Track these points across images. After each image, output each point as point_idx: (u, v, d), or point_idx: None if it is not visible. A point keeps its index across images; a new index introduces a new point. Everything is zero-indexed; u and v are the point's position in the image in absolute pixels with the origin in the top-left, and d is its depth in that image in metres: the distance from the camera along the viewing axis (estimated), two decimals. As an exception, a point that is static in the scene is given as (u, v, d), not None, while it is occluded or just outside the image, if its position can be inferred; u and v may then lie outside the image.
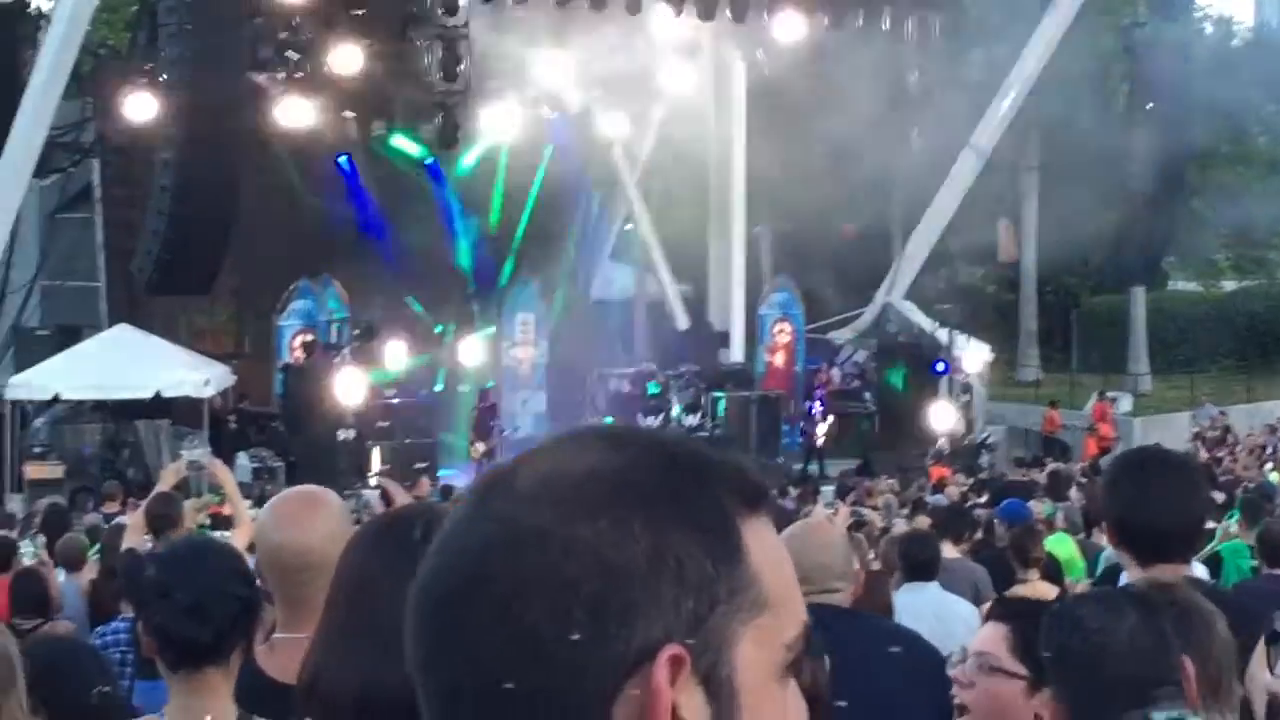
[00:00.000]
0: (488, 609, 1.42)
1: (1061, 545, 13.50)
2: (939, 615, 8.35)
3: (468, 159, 40.14)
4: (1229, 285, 65.96)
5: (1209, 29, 66.59)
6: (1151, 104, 37.46)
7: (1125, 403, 45.84)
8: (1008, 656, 3.83)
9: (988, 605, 10.14)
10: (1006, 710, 3.85)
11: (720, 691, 1.43)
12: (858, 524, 18.39)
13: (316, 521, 4.01)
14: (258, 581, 4.40)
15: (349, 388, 33.50)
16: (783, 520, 9.40)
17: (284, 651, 3.98)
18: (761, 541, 1.50)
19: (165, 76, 28.42)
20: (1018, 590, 10.23)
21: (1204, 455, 33.41)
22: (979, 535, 14.11)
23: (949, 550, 11.25)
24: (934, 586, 9.08)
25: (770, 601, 1.48)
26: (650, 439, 1.53)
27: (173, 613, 4.37)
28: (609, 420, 38.60)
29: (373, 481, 24.18)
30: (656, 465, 1.48)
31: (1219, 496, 19.83)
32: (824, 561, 4.87)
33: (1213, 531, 12.41)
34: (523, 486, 1.46)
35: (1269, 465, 28.94)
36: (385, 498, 5.80)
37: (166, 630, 4.38)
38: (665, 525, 1.43)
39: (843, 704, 3.88)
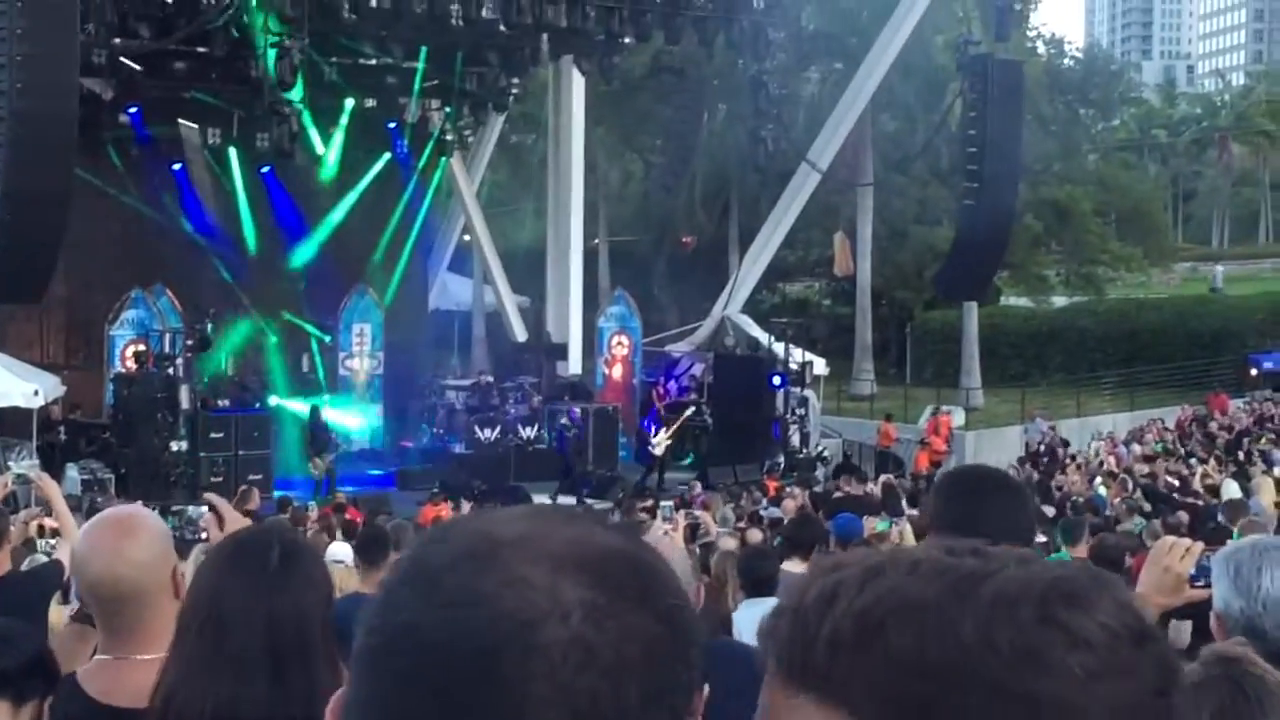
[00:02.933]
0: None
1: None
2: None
3: (304, 167, 39.76)
4: (1059, 301, 67.09)
5: (1041, 48, 67.77)
6: (982, 122, 37.89)
7: (958, 416, 46.41)
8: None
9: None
10: None
11: None
12: (693, 527, 18.46)
13: (131, 550, 3.98)
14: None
15: (181, 398, 33.06)
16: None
17: (105, 673, 3.98)
18: None
19: (-5, 80, 27.85)
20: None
21: (1032, 471, 33.91)
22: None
23: (798, 566, 11.26)
24: (774, 602, 9.09)
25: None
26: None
27: None
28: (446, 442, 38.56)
29: (202, 498, 23.53)
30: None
31: (1049, 510, 20.15)
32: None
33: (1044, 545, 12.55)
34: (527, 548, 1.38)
35: (1097, 479, 29.38)
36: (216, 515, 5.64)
37: None
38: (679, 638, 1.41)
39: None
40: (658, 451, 37.23)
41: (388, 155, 41.54)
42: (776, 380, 39.17)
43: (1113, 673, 1.25)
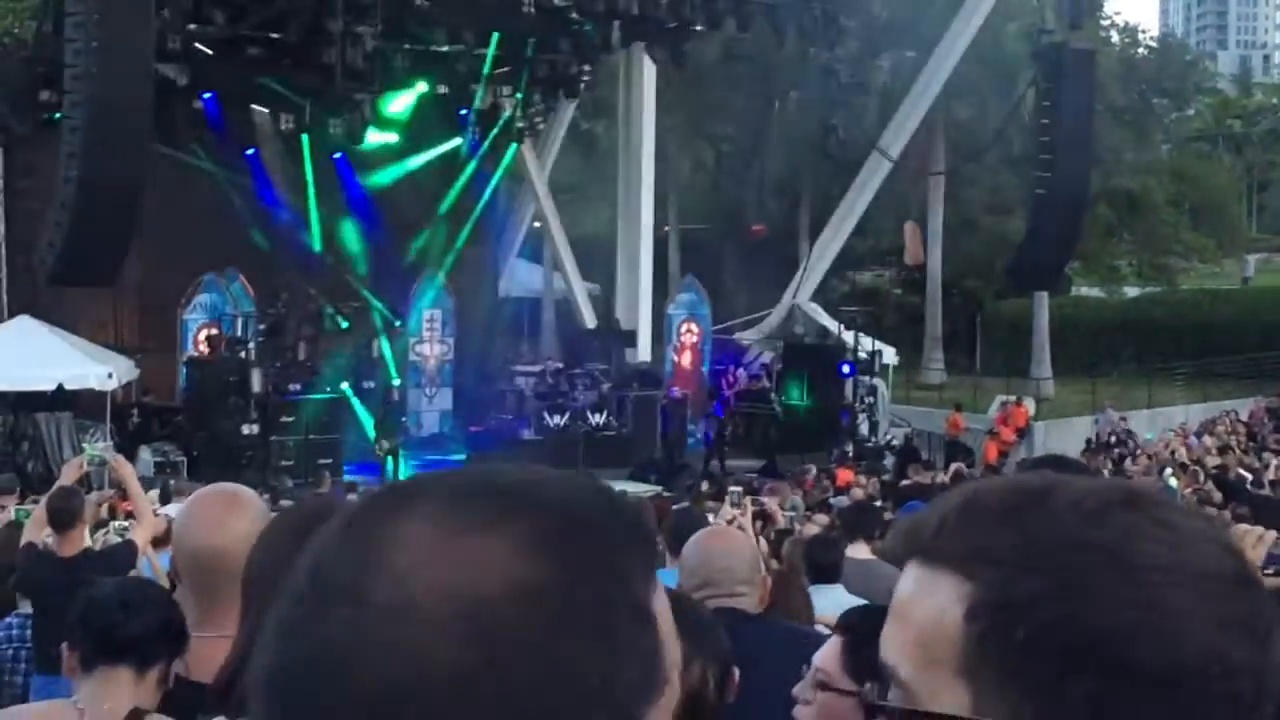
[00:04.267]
0: None
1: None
2: (844, 618, 8.37)
3: (377, 155, 39.90)
4: (1131, 291, 66.64)
5: (1115, 37, 67.31)
6: (1055, 111, 37.70)
7: (1028, 407, 46.19)
8: (838, 672, 3.67)
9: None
10: None
11: None
12: (760, 515, 18.45)
13: (235, 522, 3.98)
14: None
15: (253, 382, 33.31)
16: (695, 523, 9.43)
17: (195, 649, 3.99)
18: (665, 615, 1.36)
19: (70, 66, 28.06)
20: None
21: (1105, 460, 33.70)
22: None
23: (862, 551, 11.26)
24: (839, 589, 9.08)
25: (671, 674, 1.34)
26: (551, 514, 1.29)
27: (99, 606, 4.40)
28: (510, 420, 38.68)
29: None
30: (574, 570, 1.26)
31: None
32: (728, 565, 4.87)
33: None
34: (403, 595, 1.22)
35: (1168, 470, 29.21)
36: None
37: (88, 621, 4.41)
38: (600, 660, 1.24)
39: (749, 709, 3.88)
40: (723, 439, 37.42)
41: (458, 141, 41.67)
42: (846, 369, 39.10)
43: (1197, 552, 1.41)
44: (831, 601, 8.77)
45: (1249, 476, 26.81)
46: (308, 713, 1.22)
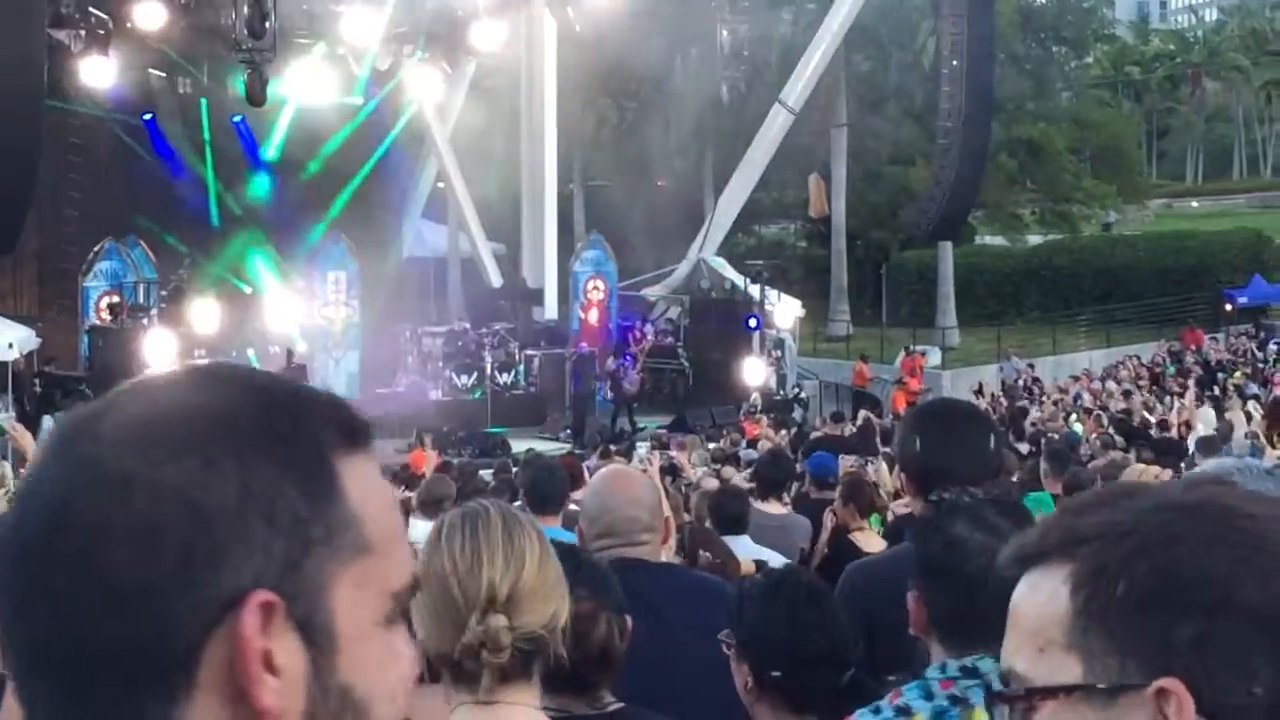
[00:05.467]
0: (70, 560, 1.33)
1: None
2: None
3: (276, 116, 39.60)
4: (1034, 240, 67.16)
5: (1014, -14, 67.64)
6: (956, 61, 37.90)
7: (934, 356, 46.52)
8: None
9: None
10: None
11: (318, 637, 1.37)
12: (669, 469, 18.50)
13: None
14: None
15: (157, 349, 33.01)
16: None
17: None
18: (364, 482, 1.43)
19: (-39, 33, 27.72)
20: (854, 539, 10.34)
21: (1006, 406, 33.97)
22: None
23: (774, 507, 11.34)
24: (745, 540, 9.12)
25: (374, 545, 1.42)
26: (247, 376, 1.46)
27: None
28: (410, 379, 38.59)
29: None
30: (250, 403, 1.41)
31: (1024, 448, 20.22)
32: (631, 514, 4.85)
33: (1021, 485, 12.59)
34: (108, 428, 1.39)
35: (1073, 416, 29.48)
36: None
37: None
38: (257, 464, 1.36)
39: (646, 655, 3.90)
40: (628, 395, 37.50)
41: (359, 101, 41.40)
42: (752, 323, 39.19)
43: None
44: (740, 551, 8.82)
45: (1151, 420, 27.10)
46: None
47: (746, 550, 8.95)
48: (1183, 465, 13.55)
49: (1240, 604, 1.41)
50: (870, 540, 10.29)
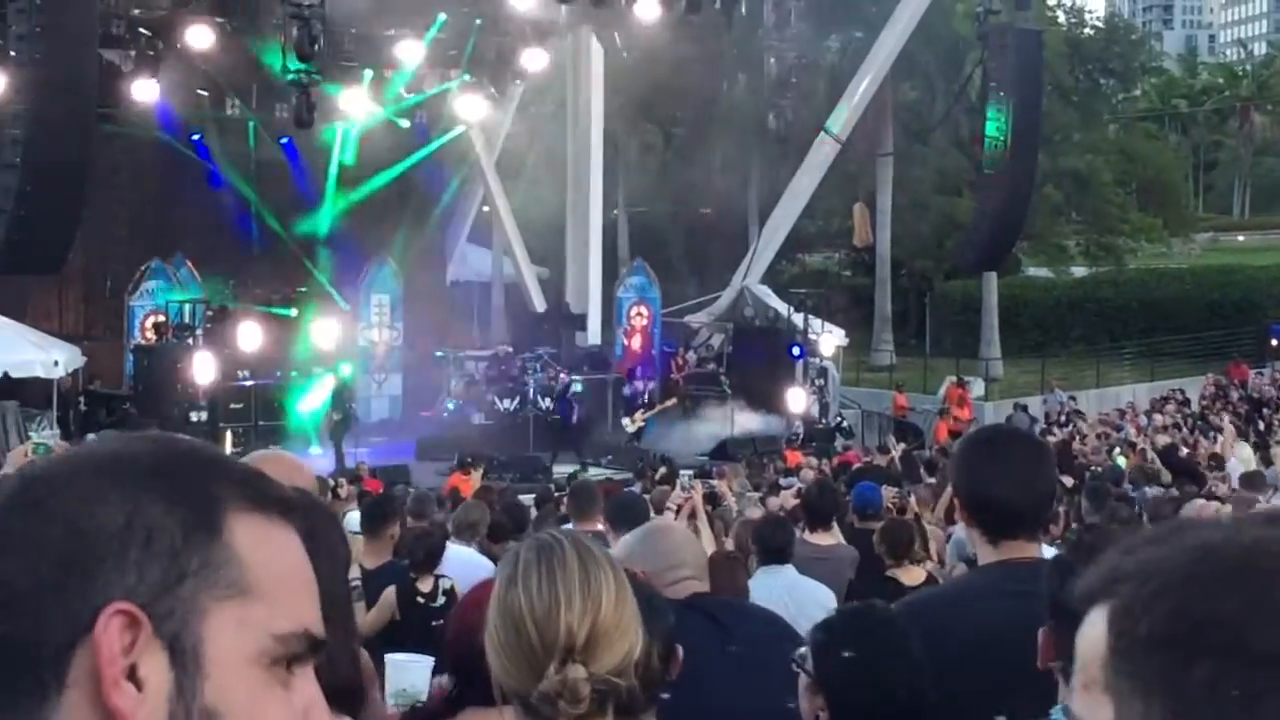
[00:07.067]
0: None
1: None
2: (794, 599, 8.35)
3: (324, 139, 39.68)
4: (1079, 271, 66.90)
5: (1061, 18, 67.50)
6: (1003, 92, 37.82)
7: (977, 387, 46.35)
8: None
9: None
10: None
11: (184, 659, 1.49)
12: (710, 496, 18.44)
13: (303, 484, 3.92)
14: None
15: (201, 369, 33.14)
16: (632, 503, 9.39)
17: None
18: (257, 535, 1.58)
19: (14, 53, 27.83)
20: (894, 575, 10.28)
21: (1053, 440, 33.78)
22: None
23: (822, 538, 11.28)
24: (789, 570, 9.06)
25: (256, 589, 1.55)
26: (176, 441, 1.65)
27: None
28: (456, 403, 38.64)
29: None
30: (160, 454, 1.59)
31: (1068, 481, 20.12)
32: (677, 561, 4.85)
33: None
34: (41, 463, 1.62)
35: (1116, 450, 29.30)
36: None
37: None
38: (143, 499, 1.52)
39: (703, 686, 3.90)
40: (630, 429, 37.42)
41: (406, 125, 41.49)
42: (795, 351, 39.11)
43: None
44: (782, 582, 8.77)
45: (1197, 455, 26.92)
46: None
47: (788, 581, 8.90)
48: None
49: (1255, 648, 1.39)
50: (911, 574, 10.23)
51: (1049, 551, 5.51)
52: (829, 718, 4.05)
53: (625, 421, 37.97)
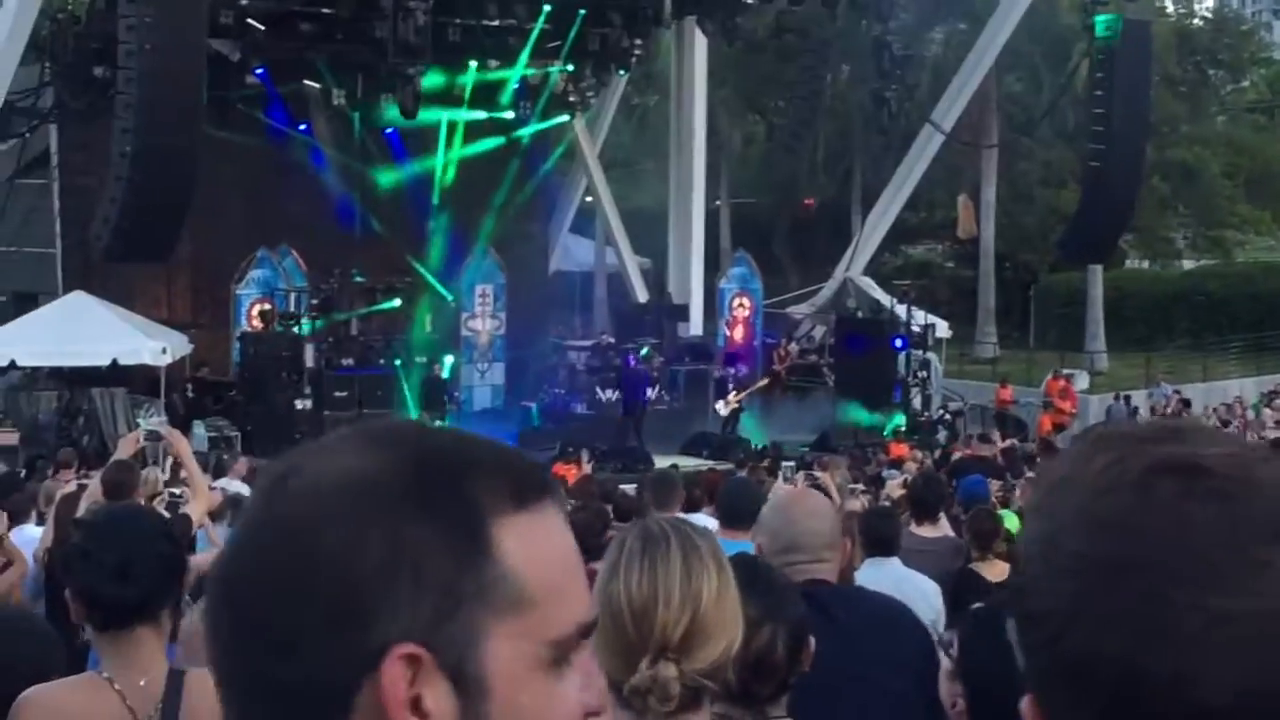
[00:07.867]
0: (247, 605, 1.52)
1: (1009, 520, 13.47)
2: (900, 591, 8.30)
3: (427, 129, 39.81)
4: (1186, 264, 66.22)
5: (1170, 8, 66.81)
6: (1112, 83, 37.45)
7: (1082, 380, 45.98)
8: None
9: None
10: None
11: (469, 686, 1.48)
12: (814, 488, 18.39)
13: None
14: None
15: (307, 357, 33.41)
16: (746, 489, 9.41)
17: None
18: (526, 538, 1.53)
19: (124, 42, 28.11)
20: (976, 568, 10.24)
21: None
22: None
23: (928, 530, 11.25)
24: (895, 562, 9.00)
25: (533, 599, 1.52)
26: (412, 439, 1.59)
27: (98, 575, 4.38)
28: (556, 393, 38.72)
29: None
30: (406, 470, 1.52)
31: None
32: (815, 528, 4.87)
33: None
34: (294, 488, 1.55)
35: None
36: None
37: (93, 592, 4.39)
38: (404, 528, 1.48)
39: (830, 677, 3.90)
40: (723, 412, 37.28)
41: (510, 116, 41.56)
42: (898, 343, 38.94)
43: None
44: (889, 574, 8.73)
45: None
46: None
47: (894, 573, 8.86)
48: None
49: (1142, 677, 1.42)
50: (994, 568, 10.16)
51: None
52: (966, 705, 4.03)
53: (719, 405, 37.85)
